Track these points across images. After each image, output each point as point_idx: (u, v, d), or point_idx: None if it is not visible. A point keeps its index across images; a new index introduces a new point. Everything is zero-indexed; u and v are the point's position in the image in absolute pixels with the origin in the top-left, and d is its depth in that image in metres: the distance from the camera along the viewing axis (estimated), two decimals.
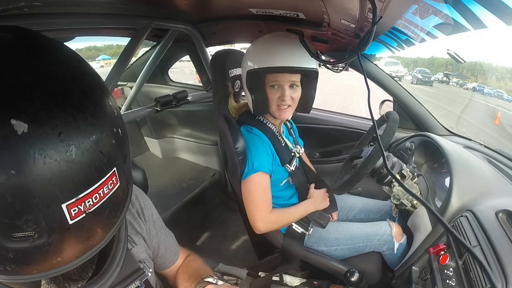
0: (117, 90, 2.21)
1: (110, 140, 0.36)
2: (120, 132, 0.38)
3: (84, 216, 0.34)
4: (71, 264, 0.36)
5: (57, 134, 0.31)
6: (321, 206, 1.11)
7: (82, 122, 0.33)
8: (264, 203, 1.01)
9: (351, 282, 0.93)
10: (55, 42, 0.37)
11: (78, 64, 0.37)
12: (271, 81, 0.99)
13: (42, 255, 0.33)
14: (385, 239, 1.08)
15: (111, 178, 0.36)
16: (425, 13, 0.77)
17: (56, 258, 0.34)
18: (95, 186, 0.34)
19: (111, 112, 0.37)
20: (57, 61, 0.35)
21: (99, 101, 0.36)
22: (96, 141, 0.34)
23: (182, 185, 2.01)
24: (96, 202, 0.34)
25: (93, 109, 0.34)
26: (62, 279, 0.46)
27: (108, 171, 0.35)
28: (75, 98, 0.33)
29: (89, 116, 0.33)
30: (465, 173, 0.95)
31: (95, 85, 0.37)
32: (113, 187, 0.37)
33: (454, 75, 13.90)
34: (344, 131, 1.67)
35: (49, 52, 0.35)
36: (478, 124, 6.92)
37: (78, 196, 0.32)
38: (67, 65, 0.36)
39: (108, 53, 12.06)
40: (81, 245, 0.36)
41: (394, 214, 1.22)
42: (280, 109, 1.02)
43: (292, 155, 1.12)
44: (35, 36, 0.36)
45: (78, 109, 0.33)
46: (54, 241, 0.33)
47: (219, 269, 0.83)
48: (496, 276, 0.59)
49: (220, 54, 1.20)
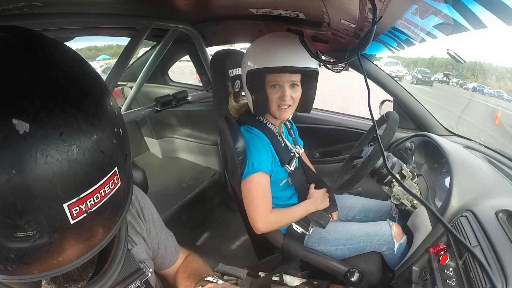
0: (117, 90, 2.21)
1: (111, 140, 0.36)
2: (121, 132, 0.38)
3: (85, 216, 0.34)
4: (72, 264, 0.36)
5: (59, 134, 0.31)
6: (321, 206, 1.11)
7: (83, 122, 0.33)
8: (264, 203, 1.01)
9: (351, 282, 0.93)
10: (55, 41, 0.37)
11: (78, 64, 0.37)
12: (272, 81, 0.99)
13: (43, 255, 0.33)
14: (385, 239, 1.08)
15: (112, 178, 0.36)
16: (425, 13, 0.78)
17: (57, 258, 0.34)
18: (97, 186, 0.34)
19: (112, 112, 0.37)
20: (57, 61, 0.35)
21: (99, 101, 0.36)
22: (97, 141, 0.34)
23: (182, 185, 2.01)
24: (97, 202, 0.34)
25: (94, 109, 0.34)
26: (62, 279, 0.46)
27: (109, 170, 0.35)
28: (76, 98, 0.33)
29: (90, 116, 0.34)
30: (465, 173, 0.95)
31: (96, 85, 0.37)
32: (114, 186, 0.37)
33: (454, 75, 13.91)
34: (344, 131, 1.67)
35: (49, 52, 0.35)
36: (478, 124, 6.92)
37: (80, 196, 0.32)
38: (68, 65, 0.36)
39: (108, 53, 12.06)
40: (82, 245, 0.36)
41: (394, 214, 1.22)
42: (280, 109, 1.02)
43: (291, 156, 1.12)
44: (35, 36, 0.36)
45: (79, 108, 0.33)
46: (56, 241, 0.33)
47: (219, 269, 0.83)
48: (496, 276, 0.59)
49: (220, 54, 1.20)
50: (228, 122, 1.06)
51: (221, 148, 1.18)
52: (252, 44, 1.04)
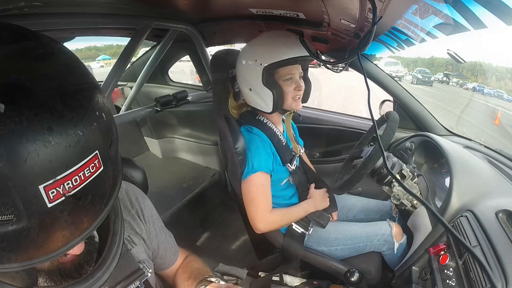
0: (117, 90, 2.21)
1: (92, 123, 0.35)
2: (104, 116, 0.37)
3: (63, 200, 0.33)
4: (56, 253, 0.35)
5: (34, 114, 0.30)
6: (321, 206, 1.11)
7: (61, 104, 0.32)
8: (264, 203, 1.01)
9: (351, 282, 0.93)
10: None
11: (58, 46, 0.37)
12: (286, 74, 1.01)
13: (23, 240, 0.32)
14: (385, 239, 1.08)
15: (92, 161, 0.35)
16: (425, 13, 0.78)
17: (39, 245, 0.33)
18: (75, 168, 0.33)
19: (93, 96, 0.37)
20: (36, 43, 0.35)
21: (79, 83, 0.36)
22: (76, 122, 0.33)
23: (182, 185, 2.01)
24: (76, 185, 0.34)
25: (72, 91, 0.34)
26: (60, 277, 0.45)
27: (89, 153, 0.35)
28: (54, 81, 0.33)
29: (69, 97, 0.33)
30: (465, 173, 0.95)
31: (76, 68, 0.37)
32: (95, 170, 0.36)
33: (454, 75, 13.90)
34: (344, 131, 1.67)
35: (26, 34, 0.35)
36: (478, 124, 6.91)
37: (56, 177, 0.32)
38: (45, 46, 0.35)
39: (108, 53, 12.06)
40: (65, 231, 0.35)
41: (394, 214, 1.22)
42: (296, 100, 1.05)
43: (292, 155, 1.12)
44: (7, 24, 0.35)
45: (57, 90, 0.33)
46: (34, 225, 0.32)
47: (219, 269, 0.83)
48: (496, 276, 0.59)
49: (220, 54, 1.20)
50: (228, 122, 1.06)
51: (221, 148, 1.18)
52: (255, 42, 1.04)
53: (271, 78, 1.00)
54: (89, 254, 0.48)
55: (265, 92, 1.01)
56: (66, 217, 0.34)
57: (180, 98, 1.78)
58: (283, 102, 1.04)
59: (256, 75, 1.00)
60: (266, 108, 1.04)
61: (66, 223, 0.34)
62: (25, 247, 0.33)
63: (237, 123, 1.09)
